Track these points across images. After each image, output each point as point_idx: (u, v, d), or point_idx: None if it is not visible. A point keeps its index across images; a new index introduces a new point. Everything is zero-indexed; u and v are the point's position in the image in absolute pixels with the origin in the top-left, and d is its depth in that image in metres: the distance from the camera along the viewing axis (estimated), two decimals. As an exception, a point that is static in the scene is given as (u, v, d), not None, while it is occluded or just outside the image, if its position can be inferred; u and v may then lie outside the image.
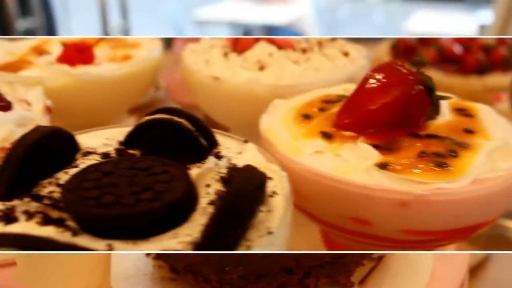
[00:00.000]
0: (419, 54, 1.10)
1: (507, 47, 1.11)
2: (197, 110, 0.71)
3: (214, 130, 0.50)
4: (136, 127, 0.49)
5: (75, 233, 0.39)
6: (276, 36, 0.76)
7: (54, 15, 2.75)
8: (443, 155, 0.46)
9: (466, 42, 1.14)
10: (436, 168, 0.45)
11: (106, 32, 2.66)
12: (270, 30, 3.55)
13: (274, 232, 0.39)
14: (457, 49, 1.11)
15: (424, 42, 1.18)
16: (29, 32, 2.53)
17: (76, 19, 3.23)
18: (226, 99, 0.67)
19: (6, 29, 2.39)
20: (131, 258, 0.53)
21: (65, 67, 0.69)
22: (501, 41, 1.14)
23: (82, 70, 0.69)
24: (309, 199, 0.48)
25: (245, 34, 3.62)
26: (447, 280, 0.50)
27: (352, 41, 0.81)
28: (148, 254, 0.52)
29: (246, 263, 0.44)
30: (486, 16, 2.62)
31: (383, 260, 0.51)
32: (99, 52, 0.74)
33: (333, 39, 0.79)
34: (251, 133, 0.54)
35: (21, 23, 2.46)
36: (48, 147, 0.45)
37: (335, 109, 0.54)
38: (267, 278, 0.45)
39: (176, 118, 0.48)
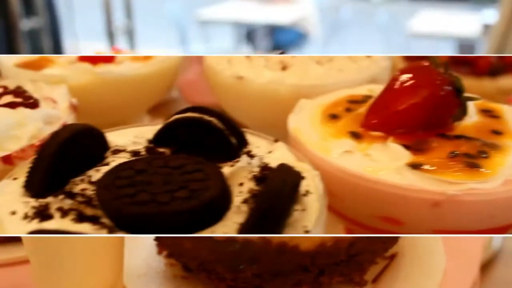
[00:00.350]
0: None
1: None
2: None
3: (244, 129, 0.50)
4: (165, 126, 0.49)
5: (111, 230, 0.39)
6: (279, 36, 0.75)
7: (58, 15, 2.75)
8: (474, 156, 0.47)
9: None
10: (467, 169, 0.45)
11: (110, 32, 2.66)
12: (273, 29, 3.56)
13: (311, 231, 0.40)
14: (470, 50, 1.11)
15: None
16: (33, 32, 2.53)
17: (81, 19, 3.23)
18: (249, 99, 0.67)
19: (10, 29, 2.39)
20: (143, 257, 0.53)
21: (87, 66, 0.69)
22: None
23: (104, 68, 0.69)
24: (340, 198, 0.48)
25: (249, 34, 3.62)
26: (460, 278, 0.50)
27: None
28: (159, 252, 0.52)
29: (261, 261, 0.44)
30: (491, 16, 2.62)
31: (396, 259, 0.52)
32: (120, 51, 0.74)
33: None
34: (273, 133, 0.53)
35: (25, 23, 2.46)
36: (79, 144, 0.46)
37: (362, 109, 0.54)
38: (282, 276, 0.45)
39: (206, 117, 0.48)
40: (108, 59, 0.70)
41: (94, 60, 0.69)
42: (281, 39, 3.58)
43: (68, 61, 0.70)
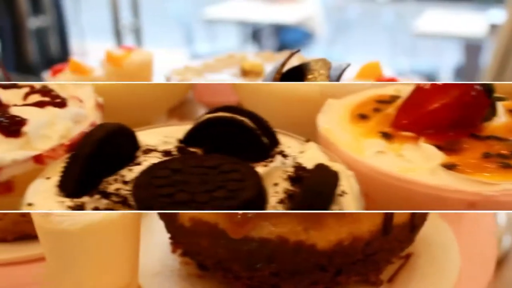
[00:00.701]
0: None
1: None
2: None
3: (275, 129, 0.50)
4: (196, 125, 0.49)
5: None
6: (285, 35, 0.75)
7: (65, 13, 2.75)
8: (508, 156, 0.47)
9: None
10: (502, 169, 0.45)
11: (117, 31, 2.66)
12: (279, 29, 3.55)
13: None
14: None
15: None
16: (40, 31, 2.53)
17: (88, 17, 3.23)
18: (273, 98, 0.67)
19: (17, 27, 2.40)
20: (158, 256, 0.53)
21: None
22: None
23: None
24: (373, 198, 0.48)
25: (254, 33, 3.62)
26: (475, 278, 0.50)
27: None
28: (173, 251, 0.52)
29: (278, 260, 0.44)
30: (497, 15, 2.61)
31: (411, 258, 0.52)
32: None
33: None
34: (297, 132, 0.53)
35: (33, 22, 2.46)
36: (113, 144, 0.45)
37: (390, 109, 0.54)
38: (298, 276, 0.45)
39: (238, 117, 0.48)
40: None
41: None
42: (287, 38, 3.57)
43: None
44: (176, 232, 0.49)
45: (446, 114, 0.50)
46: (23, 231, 0.56)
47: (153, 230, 0.54)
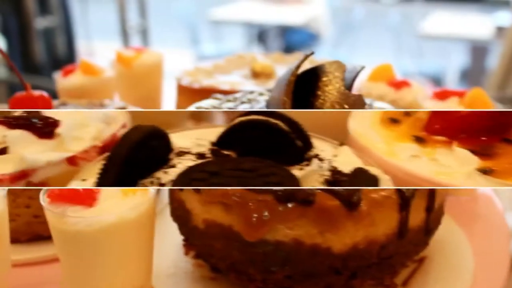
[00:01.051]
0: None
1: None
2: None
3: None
4: (230, 128, 0.49)
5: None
6: (290, 36, 0.74)
7: (73, 14, 2.75)
8: (542, 161, 0.47)
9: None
10: (538, 174, 0.45)
11: (124, 31, 2.66)
12: (285, 30, 3.55)
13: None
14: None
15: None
16: (47, 31, 2.54)
17: (95, 18, 3.24)
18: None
19: (24, 28, 2.40)
20: (171, 257, 0.53)
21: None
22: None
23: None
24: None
25: (260, 34, 3.62)
26: (489, 281, 0.50)
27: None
28: (186, 253, 0.52)
29: (293, 263, 0.44)
30: (504, 18, 2.61)
31: (425, 262, 0.52)
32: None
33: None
34: (326, 135, 0.53)
35: (40, 22, 2.47)
36: (148, 146, 0.45)
37: (421, 113, 0.54)
38: (313, 278, 0.45)
39: (271, 120, 0.48)
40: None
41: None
42: (293, 39, 3.57)
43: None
44: (190, 234, 0.49)
45: (478, 119, 0.50)
46: (35, 232, 0.56)
47: (166, 232, 0.54)
